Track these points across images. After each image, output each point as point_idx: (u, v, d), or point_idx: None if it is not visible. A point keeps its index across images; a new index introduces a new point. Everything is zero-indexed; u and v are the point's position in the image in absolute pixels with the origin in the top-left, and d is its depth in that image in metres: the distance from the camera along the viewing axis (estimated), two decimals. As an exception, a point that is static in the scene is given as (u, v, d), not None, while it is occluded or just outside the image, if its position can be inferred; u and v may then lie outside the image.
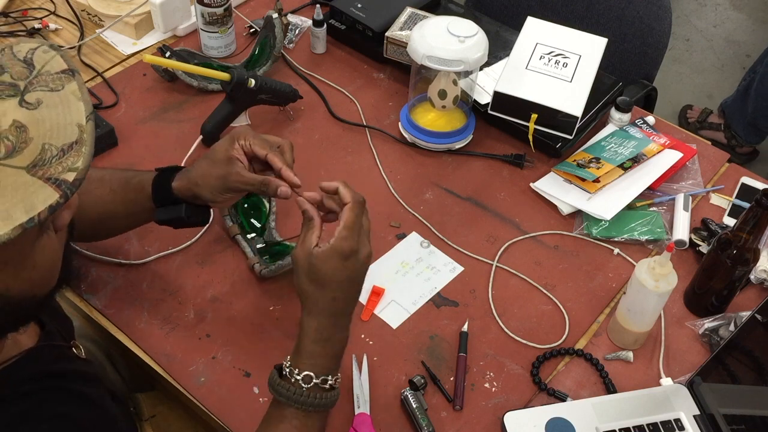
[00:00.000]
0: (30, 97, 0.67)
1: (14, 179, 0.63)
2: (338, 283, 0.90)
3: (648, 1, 1.65)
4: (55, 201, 0.64)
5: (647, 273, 1.05)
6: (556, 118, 1.36)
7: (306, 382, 0.89)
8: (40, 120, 0.66)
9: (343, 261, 0.89)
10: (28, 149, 0.65)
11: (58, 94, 0.69)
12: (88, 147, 0.68)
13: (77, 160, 0.66)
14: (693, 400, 1.06)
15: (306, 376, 0.89)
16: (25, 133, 0.65)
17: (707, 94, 3.00)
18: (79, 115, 0.68)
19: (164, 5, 1.53)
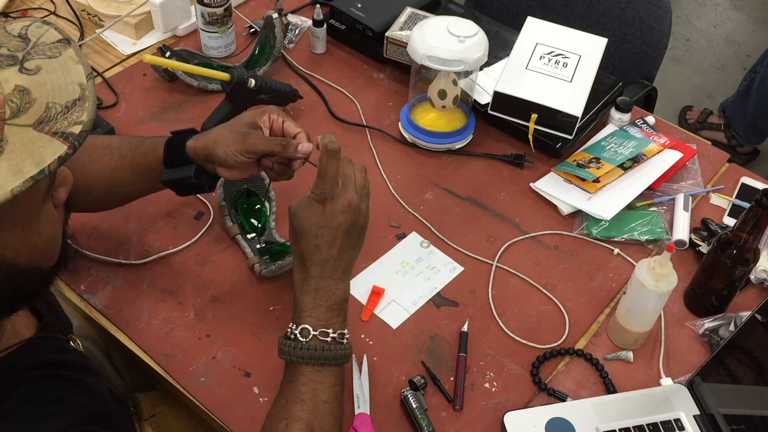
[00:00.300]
0: (29, 64, 0.69)
1: (21, 136, 0.65)
2: (317, 228, 0.91)
3: (648, 1, 1.65)
4: (63, 152, 0.66)
5: (647, 273, 1.05)
6: (556, 118, 1.36)
7: (304, 335, 0.89)
8: (42, 83, 0.68)
9: (316, 206, 0.91)
10: (33, 109, 0.67)
11: (57, 60, 0.70)
12: (91, 102, 0.70)
13: (81, 114, 0.68)
14: (693, 400, 1.06)
15: (303, 330, 0.90)
16: (28, 95, 0.67)
17: (707, 94, 3.00)
18: (78, 76, 0.70)
19: (164, 5, 1.53)
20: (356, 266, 1.20)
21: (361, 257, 1.22)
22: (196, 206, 1.28)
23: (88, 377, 0.85)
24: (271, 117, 1.03)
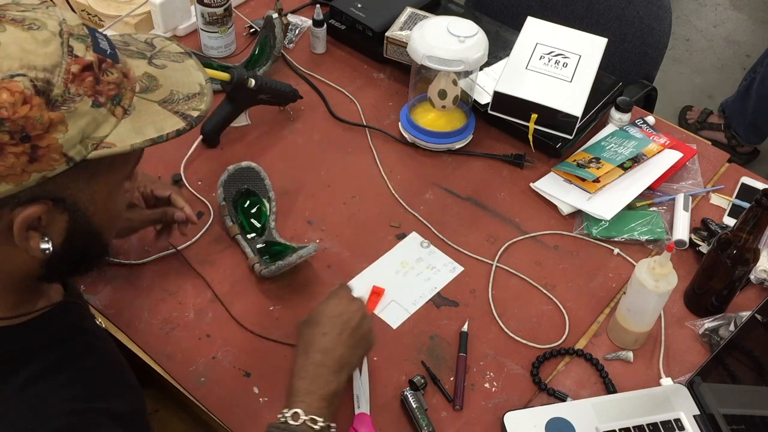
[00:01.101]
0: (157, 61, 0.78)
1: (147, 107, 0.74)
2: (329, 318, 0.98)
3: (648, 1, 1.65)
4: (182, 127, 0.75)
5: (647, 273, 1.05)
6: (556, 118, 1.36)
7: (294, 419, 0.89)
8: (167, 76, 0.77)
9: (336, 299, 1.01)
10: (159, 90, 0.76)
11: (180, 64, 0.80)
12: (209, 98, 0.79)
13: (200, 104, 0.78)
14: (693, 400, 1.06)
15: (294, 414, 0.89)
16: (155, 81, 0.76)
17: (707, 94, 3.00)
18: (199, 78, 0.80)
19: (164, 5, 1.53)
20: (356, 266, 1.21)
21: (361, 257, 1.22)
22: (196, 206, 1.28)
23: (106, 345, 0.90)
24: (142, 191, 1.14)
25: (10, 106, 0.64)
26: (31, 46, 0.65)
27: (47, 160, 0.67)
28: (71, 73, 0.67)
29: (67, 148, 0.67)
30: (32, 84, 0.64)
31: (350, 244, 1.25)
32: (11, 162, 0.65)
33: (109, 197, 0.76)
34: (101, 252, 0.82)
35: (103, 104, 0.69)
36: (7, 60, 0.64)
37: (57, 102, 0.66)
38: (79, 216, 0.74)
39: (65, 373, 0.78)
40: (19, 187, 0.67)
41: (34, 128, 0.65)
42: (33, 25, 0.67)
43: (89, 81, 0.68)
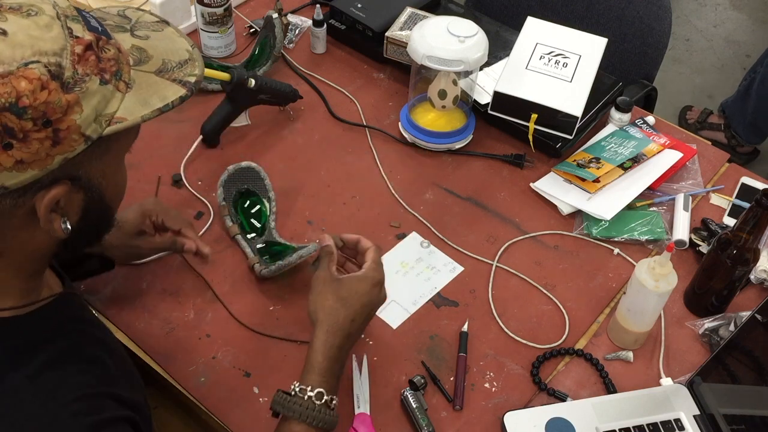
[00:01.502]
0: (139, 32, 0.80)
1: (146, 79, 0.76)
2: (361, 305, 0.99)
3: (648, 1, 1.65)
4: (183, 93, 0.77)
5: (647, 273, 1.05)
6: (556, 118, 1.36)
7: (318, 398, 0.92)
8: (153, 46, 0.79)
9: (372, 287, 1.00)
10: (152, 61, 0.77)
11: (161, 33, 0.82)
12: (201, 63, 0.81)
13: (194, 69, 0.80)
14: (693, 400, 1.06)
15: (319, 393, 0.93)
16: (145, 52, 0.78)
17: (707, 94, 3.00)
18: (184, 44, 0.82)
19: (164, 5, 1.52)
20: (356, 266, 1.21)
21: (361, 257, 1.22)
22: (196, 206, 1.28)
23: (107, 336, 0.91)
24: (154, 220, 1.13)
25: (30, 94, 0.65)
26: (36, 32, 0.67)
27: (68, 141, 0.69)
28: (76, 54, 0.69)
29: (84, 128, 0.69)
30: (47, 69, 0.66)
31: (350, 244, 1.25)
32: (36, 148, 0.67)
33: (117, 169, 0.80)
34: (110, 225, 0.85)
35: (109, 81, 0.71)
36: (19, 48, 0.66)
37: (70, 84, 0.68)
38: (94, 192, 0.76)
39: (74, 362, 0.79)
40: (43, 171, 0.69)
41: (54, 112, 0.67)
42: (31, 11, 0.68)
43: (93, 60, 0.70)
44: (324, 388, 0.93)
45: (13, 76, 0.65)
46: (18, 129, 0.66)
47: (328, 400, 0.93)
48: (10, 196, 0.69)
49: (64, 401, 0.74)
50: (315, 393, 0.92)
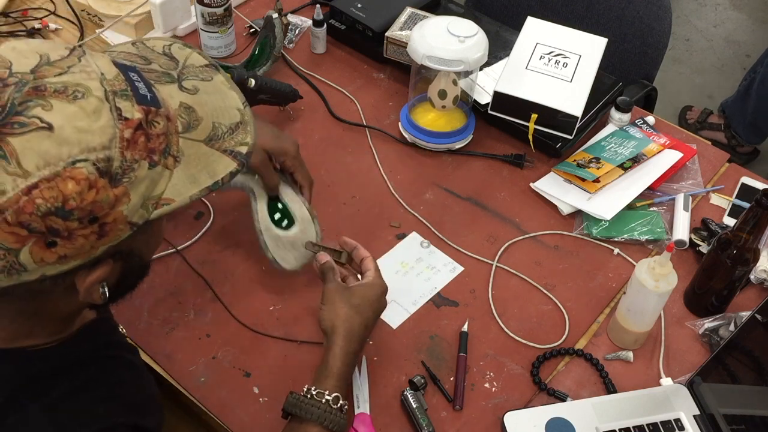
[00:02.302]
0: (187, 83, 0.74)
1: (196, 150, 0.71)
2: (373, 312, 1.02)
3: (648, 1, 1.65)
4: (234, 168, 0.73)
5: (647, 273, 1.05)
6: (556, 118, 1.36)
7: (335, 402, 0.94)
8: (203, 103, 0.73)
9: (381, 295, 1.04)
10: (201, 126, 0.72)
11: (210, 83, 0.76)
12: (252, 126, 0.76)
13: (246, 136, 0.75)
14: (693, 400, 1.06)
15: (335, 397, 0.94)
16: (194, 113, 0.72)
17: (707, 94, 3.00)
18: (234, 101, 0.76)
19: (164, 5, 1.52)
20: (356, 266, 1.20)
21: (361, 257, 1.22)
22: (196, 206, 1.28)
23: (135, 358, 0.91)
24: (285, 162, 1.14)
25: (77, 196, 0.62)
26: (83, 123, 0.62)
27: (114, 232, 0.66)
28: (125, 140, 0.65)
29: (130, 216, 0.67)
30: (95, 167, 0.62)
31: (350, 244, 1.25)
32: (80, 243, 0.64)
33: (159, 236, 0.78)
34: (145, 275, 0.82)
35: (158, 162, 0.68)
36: (66, 146, 0.61)
37: (118, 175, 0.64)
38: (135, 260, 0.74)
39: (98, 389, 0.78)
40: (86, 260, 0.67)
41: (101, 209, 0.64)
42: (77, 93, 0.63)
43: (142, 141, 0.66)
44: (340, 393, 0.95)
45: (59, 179, 0.61)
46: (63, 229, 0.62)
47: (343, 404, 0.95)
48: (50, 280, 0.66)
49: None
50: (332, 397, 0.94)
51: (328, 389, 0.94)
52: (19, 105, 0.61)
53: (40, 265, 0.64)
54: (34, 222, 0.61)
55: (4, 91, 0.62)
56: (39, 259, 0.63)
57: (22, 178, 0.60)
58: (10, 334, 0.75)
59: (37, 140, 0.61)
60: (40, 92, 0.62)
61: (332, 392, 0.94)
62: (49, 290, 0.69)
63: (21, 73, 0.63)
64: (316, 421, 0.92)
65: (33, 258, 0.63)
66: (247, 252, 1.23)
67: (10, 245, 0.62)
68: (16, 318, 0.74)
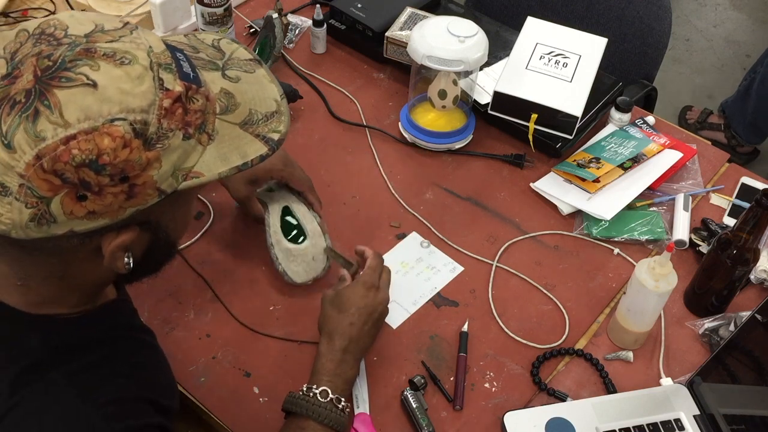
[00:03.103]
0: (230, 72, 0.78)
1: (230, 131, 0.74)
2: (357, 308, 1.03)
3: (648, 1, 1.65)
4: (265, 152, 0.76)
5: (647, 273, 1.05)
6: (556, 118, 1.36)
7: (323, 396, 0.96)
8: (243, 91, 0.77)
9: (365, 290, 1.04)
10: (238, 111, 0.75)
11: (252, 75, 0.79)
12: (287, 117, 0.79)
13: (279, 125, 0.77)
14: (693, 400, 1.06)
15: (323, 391, 0.96)
16: (233, 98, 0.76)
17: (707, 94, 3.00)
18: (273, 93, 0.79)
19: (164, 5, 1.52)
20: (356, 266, 1.21)
21: (361, 257, 1.22)
22: (196, 206, 1.28)
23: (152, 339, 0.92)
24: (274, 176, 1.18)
25: (111, 152, 0.64)
26: (127, 86, 0.65)
27: (142, 195, 0.68)
28: (164, 108, 0.67)
29: (160, 183, 0.69)
30: (131, 127, 0.65)
31: (350, 244, 1.25)
32: (110, 201, 0.66)
33: (186, 212, 0.80)
34: (172, 257, 0.85)
35: (192, 135, 0.70)
36: (107, 104, 0.64)
37: (152, 140, 0.67)
38: (161, 233, 0.76)
39: (119, 365, 0.80)
40: (113, 220, 0.68)
41: (132, 169, 0.66)
42: (125, 59, 0.67)
43: (179, 113, 0.69)
44: (329, 387, 0.97)
45: (97, 133, 0.64)
46: (94, 183, 0.65)
47: (334, 398, 0.96)
48: (78, 238, 0.69)
49: (98, 403, 0.74)
50: (320, 391, 0.96)
51: (316, 384, 0.97)
52: (69, 62, 0.65)
53: (69, 218, 0.66)
54: (67, 172, 0.64)
55: (57, 49, 0.66)
56: (69, 212, 0.65)
57: (63, 128, 0.63)
58: (39, 298, 0.77)
59: (81, 95, 0.64)
60: (90, 54, 0.66)
61: (320, 386, 0.97)
62: (76, 249, 0.71)
63: (75, 36, 0.67)
64: (305, 413, 0.94)
65: (63, 209, 0.65)
66: (247, 252, 1.23)
67: (43, 193, 0.64)
68: (45, 280, 0.76)
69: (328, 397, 0.96)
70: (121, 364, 0.80)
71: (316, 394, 0.96)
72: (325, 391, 0.96)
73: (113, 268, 0.74)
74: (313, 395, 0.96)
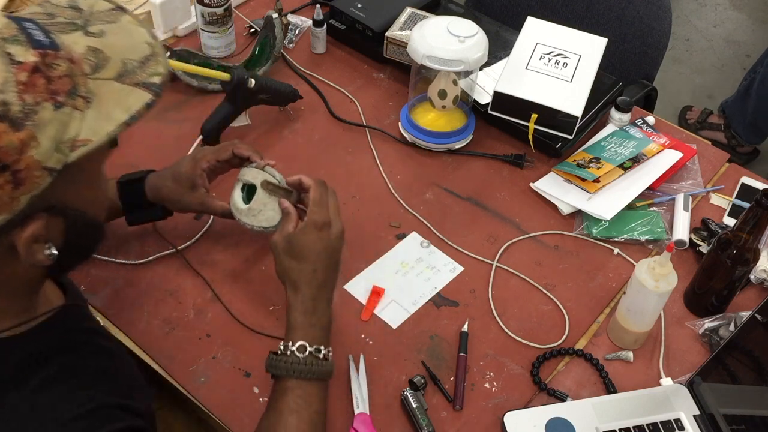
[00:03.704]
0: (92, 28, 0.73)
1: (107, 88, 0.70)
2: (316, 254, 0.99)
3: (648, 1, 1.65)
4: (149, 99, 0.72)
5: (647, 273, 1.05)
6: (556, 118, 1.36)
7: (301, 351, 0.95)
8: (110, 44, 0.72)
9: (318, 232, 1.00)
10: (110, 65, 0.71)
11: (117, 24, 0.75)
12: (163, 57, 0.75)
13: (157, 66, 0.73)
14: (693, 400, 1.06)
15: (300, 346, 0.95)
16: (102, 54, 0.71)
17: (707, 94, 3.00)
18: (143, 36, 0.75)
19: (164, 5, 1.53)
20: (356, 266, 1.21)
21: (361, 257, 1.22)
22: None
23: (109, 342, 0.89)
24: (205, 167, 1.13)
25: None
26: None
27: (31, 180, 0.65)
28: (21, 83, 0.63)
29: (45, 161, 0.65)
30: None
31: (350, 244, 1.24)
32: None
33: (94, 186, 0.76)
34: (100, 237, 0.82)
35: (64, 103, 0.66)
36: None
37: (19, 119, 0.63)
38: (73, 213, 0.73)
39: (80, 375, 0.78)
40: (11, 214, 0.65)
41: (8, 155, 0.63)
42: None
43: (41, 84, 0.65)
44: (305, 341, 0.95)
45: None
46: None
47: (312, 350, 0.95)
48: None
49: (64, 420, 0.73)
50: (297, 347, 0.95)
51: (291, 340, 0.95)
52: None
53: None
54: None
55: None
56: None
57: None
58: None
59: None
60: None
61: (296, 342, 0.95)
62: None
63: None
64: (286, 374, 0.93)
65: None
66: (247, 252, 1.23)
67: None
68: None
69: (306, 351, 0.94)
70: (81, 374, 0.78)
71: (293, 351, 0.94)
72: (303, 345, 0.95)
73: (35, 262, 0.71)
74: (291, 353, 0.94)
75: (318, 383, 0.95)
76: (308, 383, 0.94)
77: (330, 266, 1.01)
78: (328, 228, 1.01)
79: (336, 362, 1.08)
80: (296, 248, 1.00)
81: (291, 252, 1.00)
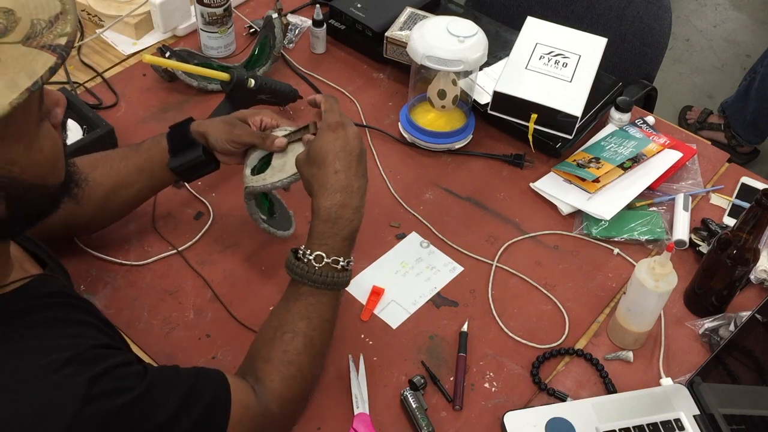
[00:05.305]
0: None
1: (12, 53, 0.67)
2: (335, 153, 0.98)
3: (648, 1, 1.65)
4: (53, 63, 0.68)
5: (647, 273, 1.05)
6: (555, 118, 1.36)
7: (317, 261, 0.96)
8: (24, 3, 0.70)
9: (333, 133, 0.99)
10: (19, 27, 0.68)
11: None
12: (73, 15, 0.71)
13: (65, 26, 0.70)
14: (693, 400, 1.06)
15: (317, 256, 0.96)
16: (13, 15, 0.68)
17: (707, 94, 3.00)
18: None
19: (164, 5, 1.53)
20: (356, 266, 1.20)
21: (361, 257, 1.22)
22: (196, 206, 1.28)
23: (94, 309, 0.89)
24: (264, 120, 1.12)
25: None
26: None
27: None
28: None
29: None
30: None
31: (350, 244, 1.25)
32: None
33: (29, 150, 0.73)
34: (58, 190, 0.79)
35: None
36: None
37: None
38: (7, 181, 0.71)
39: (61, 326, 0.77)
40: None
41: None
42: None
43: None
44: (323, 251, 0.96)
45: None
46: None
47: (330, 261, 0.96)
48: None
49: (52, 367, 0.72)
50: (314, 256, 0.96)
51: (310, 249, 0.96)
52: None
53: None
54: None
55: None
56: None
57: None
58: None
59: None
60: None
61: (315, 251, 0.96)
62: None
63: None
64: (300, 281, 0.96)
65: None
66: (247, 252, 1.23)
67: None
68: None
69: (323, 261, 0.95)
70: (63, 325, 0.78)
71: (310, 259, 0.95)
72: (320, 255, 0.96)
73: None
74: (307, 262, 0.96)
75: (332, 292, 0.97)
76: (322, 292, 0.96)
77: (351, 167, 0.98)
78: (343, 128, 0.99)
79: (336, 362, 1.08)
80: (314, 153, 0.99)
81: (311, 159, 0.99)
